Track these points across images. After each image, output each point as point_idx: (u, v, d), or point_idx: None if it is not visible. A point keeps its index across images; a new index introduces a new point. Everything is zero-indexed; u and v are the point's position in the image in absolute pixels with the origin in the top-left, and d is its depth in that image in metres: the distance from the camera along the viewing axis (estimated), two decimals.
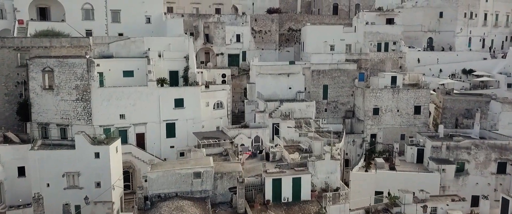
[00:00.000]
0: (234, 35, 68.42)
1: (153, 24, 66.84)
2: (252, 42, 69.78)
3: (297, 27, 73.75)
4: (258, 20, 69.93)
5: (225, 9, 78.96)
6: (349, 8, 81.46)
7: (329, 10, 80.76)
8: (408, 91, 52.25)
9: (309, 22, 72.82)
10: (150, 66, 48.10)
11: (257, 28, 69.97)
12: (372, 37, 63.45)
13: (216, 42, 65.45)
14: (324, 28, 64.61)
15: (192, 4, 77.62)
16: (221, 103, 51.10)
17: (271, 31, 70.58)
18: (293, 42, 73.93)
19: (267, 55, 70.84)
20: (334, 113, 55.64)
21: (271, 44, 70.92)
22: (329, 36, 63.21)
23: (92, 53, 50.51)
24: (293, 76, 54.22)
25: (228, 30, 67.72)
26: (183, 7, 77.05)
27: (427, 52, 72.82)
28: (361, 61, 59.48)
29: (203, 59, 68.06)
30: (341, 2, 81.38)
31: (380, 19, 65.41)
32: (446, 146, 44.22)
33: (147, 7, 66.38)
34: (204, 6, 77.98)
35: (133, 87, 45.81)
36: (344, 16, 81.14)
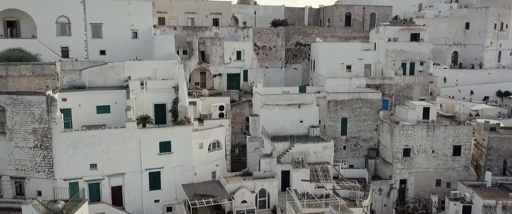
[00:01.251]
0: (234, 52, 58.50)
1: (141, 39, 56.96)
2: (254, 60, 59.84)
3: (305, 41, 63.80)
4: (262, 35, 59.96)
5: (224, 20, 68.96)
6: (363, 18, 71.45)
7: (341, 21, 70.74)
8: (445, 129, 42.33)
9: (320, 36, 62.91)
10: (129, 101, 38.20)
11: (261, 44, 59.98)
12: (396, 56, 53.48)
13: (213, 61, 55.49)
14: (338, 46, 54.69)
15: (187, 14, 67.62)
16: (218, 143, 41.24)
17: (277, 47, 60.61)
18: (301, 58, 64.00)
19: (272, 74, 60.94)
20: (354, 152, 45.76)
21: (277, 62, 60.96)
22: (345, 55, 53.25)
23: (60, 83, 40.64)
24: (305, 108, 44.34)
25: (227, 47, 57.80)
26: (177, 18, 67.08)
27: (454, 70, 63.05)
28: (385, 86, 49.55)
29: (198, 80, 58.17)
30: (355, 11, 71.36)
31: (404, 34, 55.46)
32: (503, 205, 34.45)
33: (133, 20, 56.45)
34: (200, 16, 67.99)
35: (106, 130, 35.89)
36: (358, 27, 71.13)
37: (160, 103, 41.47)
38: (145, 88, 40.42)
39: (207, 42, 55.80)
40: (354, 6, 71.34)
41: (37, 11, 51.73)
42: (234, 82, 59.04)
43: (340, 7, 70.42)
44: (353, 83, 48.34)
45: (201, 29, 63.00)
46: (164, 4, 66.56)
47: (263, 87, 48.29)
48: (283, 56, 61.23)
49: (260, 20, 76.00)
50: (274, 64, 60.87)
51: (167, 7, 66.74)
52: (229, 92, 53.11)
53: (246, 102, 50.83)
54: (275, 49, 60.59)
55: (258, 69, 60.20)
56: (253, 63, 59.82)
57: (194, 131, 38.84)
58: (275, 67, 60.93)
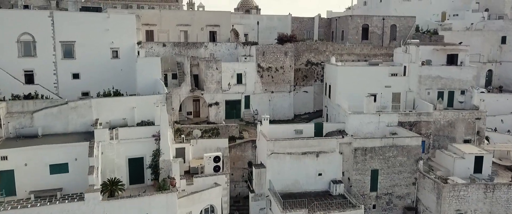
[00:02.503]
0: (233, 75, 48.21)
1: (123, 59, 46.86)
2: (258, 84, 49.52)
3: (318, 60, 53.48)
4: (267, 54, 49.59)
5: (222, 33, 58.55)
6: (382, 30, 61.00)
7: (357, 34, 60.30)
8: (508, 189, 32.08)
9: (334, 53, 52.62)
10: (93, 160, 27.84)
11: (265, 65, 49.61)
12: (431, 84, 43.24)
13: (209, 88, 45.13)
14: (361, 71, 44.29)
15: (179, 26, 57.17)
16: (212, 208, 31.02)
17: (284, 68, 50.24)
18: (312, 79, 53.68)
19: (279, 99, 50.60)
20: (387, 211, 35.53)
21: (284, 85, 50.60)
22: (369, 81, 42.96)
23: (4, 131, 30.36)
24: (325, 157, 34.12)
25: (226, 69, 47.52)
26: (167, 31, 56.68)
27: (494, 95, 52.62)
28: (421, 124, 39.27)
29: (191, 108, 47.82)
30: (373, 23, 60.90)
31: (439, 55, 45.19)
32: None
33: (113, 37, 46.31)
34: (194, 28, 57.59)
35: (56, 205, 25.58)
36: (377, 41, 60.73)
37: (136, 158, 31.18)
38: (115, 139, 30.10)
39: (202, 64, 45.45)
40: (372, 17, 60.92)
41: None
42: (233, 111, 48.77)
43: (356, 18, 60.03)
44: (383, 121, 38.10)
45: (195, 46, 52.69)
46: (153, 16, 56.18)
47: (269, 125, 37.95)
48: (292, 79, 50.86)
49: (264, 31, 65.59)
50: (282, 88, 50.51)
51: (155, 19, 56.34)
52: (227, 127, 42.74)
53: (248, 142, 40.50)
54: (282, 70, 50.23)
55: (263, 95, 49.88)
56: (256, 87, 49.50)
57: (181, 197, 28.60)
58: (282, 92, 50.57)
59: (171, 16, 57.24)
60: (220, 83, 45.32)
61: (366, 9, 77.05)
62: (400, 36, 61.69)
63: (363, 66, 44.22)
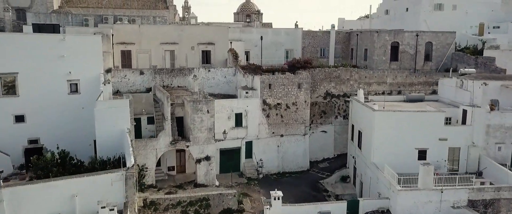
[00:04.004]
0: (231, 116, 35.81)
1: (85, 94, 34.83)
2: (263, 125, 37.10)
3: (339, 91, 41.07)
4: (275, 86, 37.09)
5: (217, 52, 46.12)
6: (416, 49, 48.36)
7: (385, 53, 47.70)
8: None
9: (359, 83, 40.21)
10: None
11: (273, 100, 37.14)
12: (503, 136, 30.75)
13: (197, 137, 32.56)
14: (407, 117, 31.54)
15: (164, 45, 44.68)
16: None
17: (298, 104, 37.74)
18: (332, 115, 41.26)
19: (290, 145, 38.20)
20: None
21: (297, 126, 38.12)
22: (416, 130, 30.50)
23: None
24: None
25: (221, 108, 35.19)
26: (148, 51, 44.20)
27: None
28: (500, 204, 26.75)
29: (173, 162, 35.37)
30: (404, 40, 48.27)
31: (508, 94, 32.62)
32: None
33: (70, 65, 34.06)
34: (183, 48, 45.22)
35: None
36: (408, 62, 48.21)
37: None
38: None
39: (187, 106, 32.90)
40: (403, 33, 48.28)
41: None
42: (230, 162, 36.40)
43: (383, 34, 47.42)
44: (447, 199, 25.68)
45: (182, 73, 40.39)
46: (130, 32, 43.64)
47: (282, 205, 25.50)
48: (307, 118, 38.36)
49: (269, 48, 53.09)
50: (294, 130, 38.04)
51: (134, 36, 43.83)
52: (222, 196, 30.27)
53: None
54: (295, 107, 37.71)
55: (269, 140, 37.46)
56: (261, 130, 37.07)
57: None
58: (295, 135, 38.12)
59: (154, 33, 44.71)
60: (212, 131, 32.76)
61: (388, 19, 64.42)
62: (437, 56, 49.19)
63: (411, 111, 31.53)
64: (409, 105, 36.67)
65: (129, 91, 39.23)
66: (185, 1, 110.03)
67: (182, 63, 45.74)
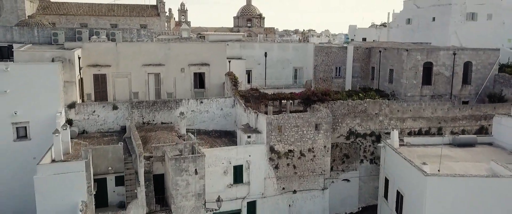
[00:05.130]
0: (228, 170, 26.78)
1: (37, 139, 26.41)
2: (271, 180, 28.09)
3: (365, 129, 32.08)
4: (286, 129, 27.98)
5: (213, 74, 37.31)
6: (452, 70, 39.34)
7: (416, 76, 38.67)
8: None
9: (391, 118, 31.24)
10: None
11: (283, 147, 28.06)
12: None
13: (181, 207, 23.47)
14: (472, 184, 22.46)
15: (147, 67, 35.84)
16: None
17: (315, 150, 28.69)
18: (357, 160, 32.29)
19: (305, 204, 29.21)
20: None
21: (314, 179, 29.09)
22: (481, 203, 21.57)
23: None
24: None
25: (215, 160, 26.30)
26: (128, 75, 35.32)
27: None
28: None
29: None
30: (439, 59, 39.19)
31: None
32: None
33: (16, 104, 25.58)
34: (171, 70, 36.43)
35: None
36: (443, 86, 39.30)
37: None
38: None
39: (168, 163, 23.78)
40: (438, 52, 39.18)
41: None
42: None
43: (415, 53, 38.32)
44: None
45: (167, 105, 31.51)
46: (105, 51, 34.76)
47: None
48: (327, 167, 29.31)
49: (274, 65, 44.31)
50: (310, 183, 29.02)
51: (110, 56, 34.98)
52: None
53: None
54: (311, 155, 28.65)
55: (278, 198, 28.44)
56: (267, 186, 28.06)
57: None
58: (311, 190, 29.08)
59: (134, 52, 35.75)
60: (201, 197, 23.70)
61: (410, 30, 55.32)
62: (477, 78, 40.27)
63: (478, 177, 22.47)
64: (459, 152, 27.77)
65: (99, 131, 30.29)
66: (181, 4, 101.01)
67: (170, 89, 36.83)
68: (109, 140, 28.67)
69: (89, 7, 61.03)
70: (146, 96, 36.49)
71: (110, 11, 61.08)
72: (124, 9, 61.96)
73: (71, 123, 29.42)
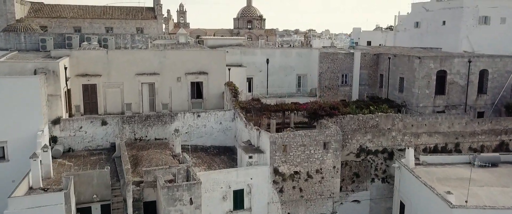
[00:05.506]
0: (228, 195, 24.01)
1: (15, 161, 24.32)
2: (275, 205, 25.32)
3: (377, 145, 29.36)
4: (292, 148, 25.21)
5: (211, 83, 34.77)
6: (467, 79, 36.59)
7: (428, 85, 35.88)
8: None
9: (405, 133, 28.52)
10: None
11: (288, 168, 25.26)
12: None
13: None
14: None
15: (141, 76, 33.30)
16: None
17: (323, 171, 25.93)
18: (368, 179, 29.56)
19: None
20: None
21: (322, 203, 26.32)
22: None
23: None
24: None
25: (213, 184, 23.60)
26: (120, 84, 32.93)
27: None
28: None
29: None
30: (453, 67, 36.44)
31: None
32: None
33: None
34: (166, 79, 33.96)
35: None
36: (458, 96, 36.60)
37: None
38: None
39: (160, 191, 21.02)
40: (452, 59, 36.40)
41: None
42: None
43: (427, 61, 35.55)
44: None
45: (161, 120, 28.83)
46: (95, 60, 32.18)
47: None
48: (336, 189, 26.53)
49: (276, 72, 41.70)
50: (318, 208, 26.26)
51: (100, 65, 32.44)
52: None
53: None
54: (319, 176, 25.89)
55: None
56: (270, 212, 25.31)
57: None
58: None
59: (127, 60, 33.09)
60: None
61: (418, 34, 52.55)
62: (493, 88, 37.57)
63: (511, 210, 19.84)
64: (481, 174, 25.08)
65: (86, 148, 27.56)
66: (180, 5, 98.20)
67: (165, 100, 34.13)
68: (97, 159, 25.98)
69: (83, 10, 58.24)
70: (140, 108, 33.83)
71: (104, 14, 58.27)
72: (119, 11, 59.15)
73: (56, 140, 26.73)
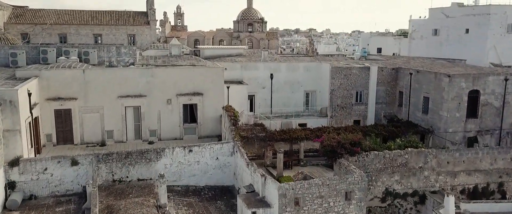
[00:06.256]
0: None
1: None
2: None
3: (407, 187, 23.97)
4: (305, 201, 19.88)
5: (207, 107, 29.58)
6: (503, 100, 31.26)
7: (459, 108, 30.66)
8: None
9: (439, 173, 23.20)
10: None
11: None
12: None
13: None
14: None
15: (124, 99, 28.16)
16: None
17: None
18: None
19: None
20: None
21: None
22: None
23: None
24: None
25: None
26: (99, 109, 28.11)
27: None
28: None
29: None
30: (487, 86, 31.17)
31: None
32: None
33: None
34: (154, 101, 28.86)
35: None
36: (492, 119, 31.32)
37: None
38: None
39: None
40: (486, 77, 31.04)
41: None
42: None
43: (458, 79, 30.22)
44: None
45: (144, 157, 23.55)
46: (70, 80, 27.04)
47: None
48: None
49: (281, 89, 36.50)
50: None
51: (76, 86, 27.40)
52: None
53: None
54: None
55: None
56: None
57: None
58: None
59: (108, 80, 27.95)
60: None
61: (437, 42, 47.15)
62: None
63: None
64: None
65: (52, 194, 22.29)
66: (177, 8, 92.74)
67: (153, 125, 28.97)
68: (65, 210, 20.75)
69: (69, 15, 52.89)
70: (123, 136, 28.65)
71: (93, 19, 52.93)
72: (109, 17, 53.78)
73: (14, 186, 21.46)
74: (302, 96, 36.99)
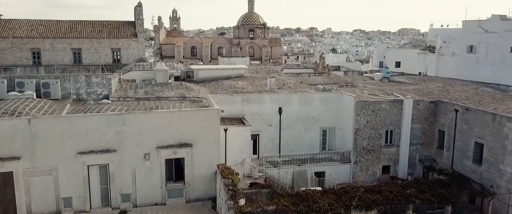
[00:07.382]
0: None
1: None
2: None
3: None
4: None
5: (196, 159, 21.72)
6: None
7: None
8: None
9: None
10: None
11: None
12: None
13: None
14: None
15: (85, 156, 20.06)
16: None
17: None
18: None
19: None
20: None
21: None
22: None
23: None
24: None
25: None
26: (54, 169, 19.60)
27: None
28: None
29: None
30: None
31: None
32: None
33: None
34: (127, 157, 20.82)
35: None
36: None
37: None
38: None
39: None
40: None
41: None
42: None
43: None
44: None
45: None
46: (11, 135, 19.02)
47: None
48: None
49: (292, 126, 29.10)
50: None
51: (19, 142, 19.41)
52: None
53: None
54: None
55: None
56: None
57: None
58: None
59: (62, 131, 20.29)
60: None
61: (473, 60, 39.34)
62: None
63: None
64: None
65: None
66: (173, 11, 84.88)
67: (126, 189, 21.52)
68: None
69: (45, 26, 45.12)
70: (86, 203, 21.08)
71: (72, 31, 45.15)
72: (90, 28, 45.99)
73: None
74: (318, 135, 29.39)
